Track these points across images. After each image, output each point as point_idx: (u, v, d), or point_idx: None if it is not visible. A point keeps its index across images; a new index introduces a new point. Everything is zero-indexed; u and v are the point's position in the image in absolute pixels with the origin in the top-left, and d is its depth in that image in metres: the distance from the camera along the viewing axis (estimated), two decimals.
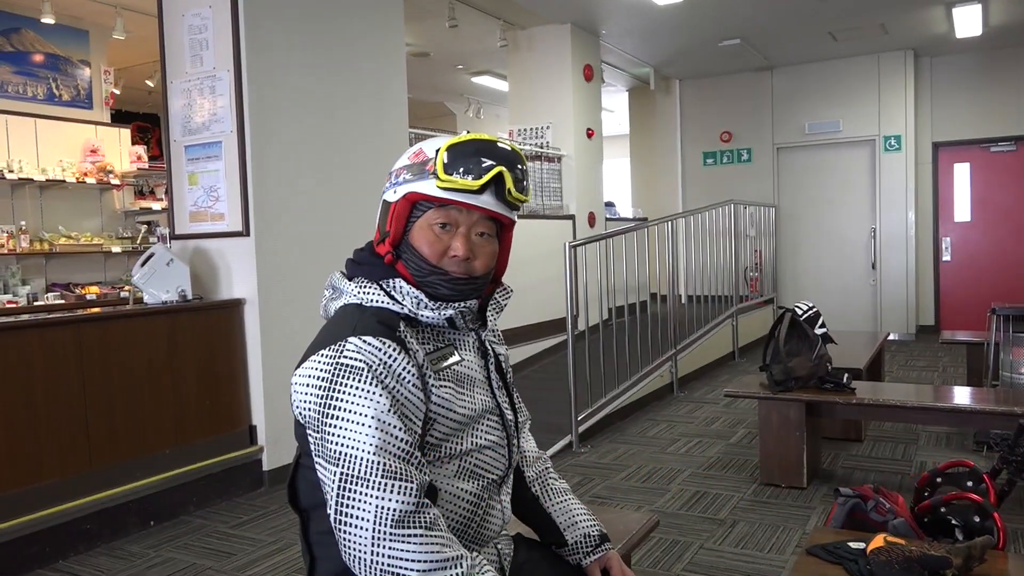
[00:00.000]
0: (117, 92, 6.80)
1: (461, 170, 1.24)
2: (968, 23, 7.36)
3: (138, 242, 6.28)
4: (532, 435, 1.59)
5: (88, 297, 5.70)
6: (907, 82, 8.49)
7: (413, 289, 1.27)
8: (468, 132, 1.31)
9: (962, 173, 8.70)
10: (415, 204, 1.29)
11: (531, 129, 7.33)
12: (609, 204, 8.63)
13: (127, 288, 5.38)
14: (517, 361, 6.05)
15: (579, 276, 4.83)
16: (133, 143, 6.68)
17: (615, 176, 12.28)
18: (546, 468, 1.55)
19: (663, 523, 3.28)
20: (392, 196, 1.30)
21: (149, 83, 7.65)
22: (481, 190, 1.25)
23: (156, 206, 6.55)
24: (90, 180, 6.10)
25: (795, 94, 8.99)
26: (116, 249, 6.24)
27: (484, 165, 1.24)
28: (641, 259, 5.69)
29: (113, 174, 6.26)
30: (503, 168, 1.25)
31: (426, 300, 1.27)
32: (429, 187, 1.26)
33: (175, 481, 3.58)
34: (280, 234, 3.99)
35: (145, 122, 9.16)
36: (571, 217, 7.13)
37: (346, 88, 4.37)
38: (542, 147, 7.11)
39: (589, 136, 7.46)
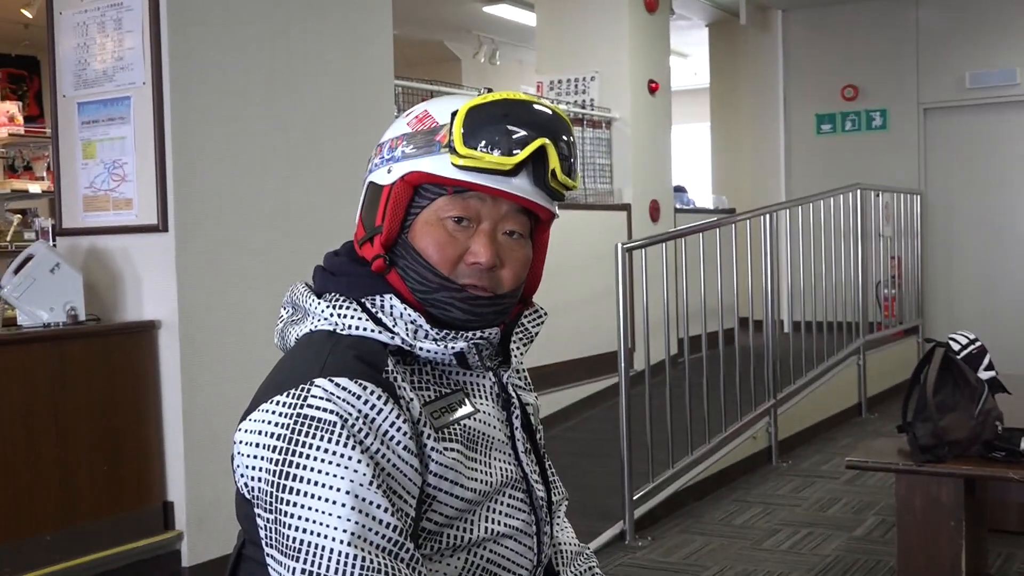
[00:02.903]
0: None
1: (484, 143, 1.26)
2: None
3: (9, 238, 6.36)
4: (569, 521, 1.61)
5: None
6: None
7: (410, 310, 1.29)
8: (488, 90, 1.33)
9: None
10: (419, 189, 1.31)
11: (569, 81, 7.36)
12: (680, 189, 8.63)
13: None
14: (547, 414, 6.05)
15: (636, 293, 4.82)
16: (3, 98, 6.79)
17: (689, 149, 12.29)
18: (590, 568, 1.56)
19: None
20: (384, 177, 1.32)
21: (26, 13, 7.76)
22: (515, 170, 1.27)
23: (35, 188, 6.63)
24: None
25: (951, 32, 8.96)
26: None
27: (518, 136, 1.27)
28: (726, 269, 5.67)
29: None
30: (546, 140, 1.28)
31: (427, 327, 1.28)
32: (441, 165, 1.28)
33: None
34: (212, 229, 4.02)
35: (20, 68, 9.30)
36: (625, 207, 7.14)
37: (307, 23, 4.42)
38: (584, 107, 7.14)
39: (652, 91, 7.48)
